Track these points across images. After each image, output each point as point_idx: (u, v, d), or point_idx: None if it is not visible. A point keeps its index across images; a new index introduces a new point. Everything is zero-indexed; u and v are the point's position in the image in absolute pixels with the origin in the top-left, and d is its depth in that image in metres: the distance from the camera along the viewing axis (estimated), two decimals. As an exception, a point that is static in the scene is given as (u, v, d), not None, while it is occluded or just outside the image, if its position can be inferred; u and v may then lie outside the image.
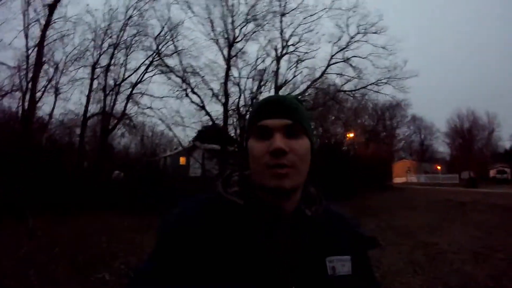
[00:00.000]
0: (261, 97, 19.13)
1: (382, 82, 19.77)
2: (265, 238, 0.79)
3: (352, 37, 19.32)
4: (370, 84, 19.70)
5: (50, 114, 15.31)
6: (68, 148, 14.47)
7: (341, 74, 19.50)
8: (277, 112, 0.81)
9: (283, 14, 18.48)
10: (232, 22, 17.96)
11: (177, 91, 17.47)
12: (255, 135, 0.82)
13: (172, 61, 17.42)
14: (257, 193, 0.83)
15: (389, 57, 19.89)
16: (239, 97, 17.76)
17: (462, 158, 42.88)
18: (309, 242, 0.83)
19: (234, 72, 18.31)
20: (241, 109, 17.67)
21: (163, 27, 16.90)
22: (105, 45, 16.52)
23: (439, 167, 47.93)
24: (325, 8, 19.03)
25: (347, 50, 19.41)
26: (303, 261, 0.80)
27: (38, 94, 14.44)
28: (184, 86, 17.46)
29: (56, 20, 14.98)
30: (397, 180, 33.49)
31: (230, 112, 17.80)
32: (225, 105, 17.32)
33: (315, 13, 18.89)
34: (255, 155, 0.80)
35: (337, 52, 19.39)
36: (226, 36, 17.96)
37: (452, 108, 69.40)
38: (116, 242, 6.97)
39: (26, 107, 13.79)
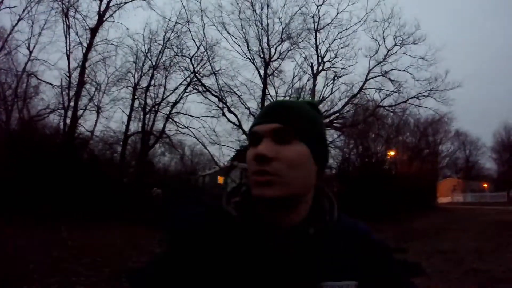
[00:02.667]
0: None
1: (423, 96, 19.09)
2: (255, 255, 0.73)
3: (389, 50, 18.98)
4: (411, 98, 19.07)
5: (92, 131, 15.85)
6: (108, 164, 14.93)
7: (380, 89, 19.04)
8: (267, 116, 0.77)
9: (317, 30, 18.46)
10: (268, 41, 18.22)
11: (213, 109, 17.83)
12: (249, 142, 0.79)
13: (209, 81, 17.86)
14: (255, 204, 0.78)
15: (430, 68, 19.14)
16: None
17: (510, 174, 39.83)
18: (302, 263, 0.74)
19: (271, 90, 18.43)
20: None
21: (198, 48, 17.38)
22: (146, 67, 17.16)
23: (485, 185, 44.99)
24: (359, 21, 18.84)
25: (385, 64, 19.04)
26: (292, 284, 0.72)
27: (80, 112, 15.14)
28: (221, 105, 17.79)
29: (98, 43, 15.77)
30: (443, 200, 31.81)
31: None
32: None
33: (350, 27, 18.80)
34: (247, 162, 0.77)
35: (375, 66, 19.06)
36: (262, 55, 18.21)
37: (498, 121, 64.24)
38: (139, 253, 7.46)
39: (68, 123, 14.45)
